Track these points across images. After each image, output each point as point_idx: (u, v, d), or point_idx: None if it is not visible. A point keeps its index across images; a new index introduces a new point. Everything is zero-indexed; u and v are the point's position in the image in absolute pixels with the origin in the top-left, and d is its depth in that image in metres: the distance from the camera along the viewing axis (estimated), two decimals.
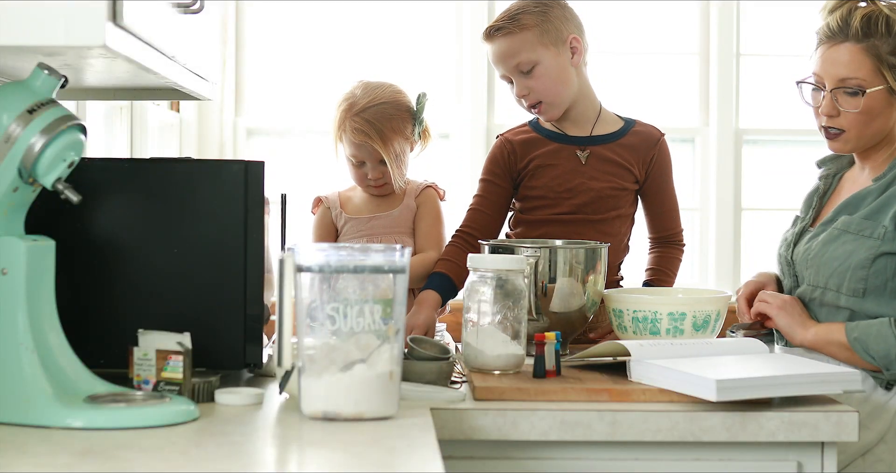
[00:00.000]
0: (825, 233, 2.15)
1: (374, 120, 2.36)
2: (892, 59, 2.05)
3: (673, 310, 2.08)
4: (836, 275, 2.09)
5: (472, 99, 3.67)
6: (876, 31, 2.05)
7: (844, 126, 2.11)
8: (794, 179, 3.82)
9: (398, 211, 2.43)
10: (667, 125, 3.74)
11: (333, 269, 1.60)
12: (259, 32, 3.68)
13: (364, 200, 2.47)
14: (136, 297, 1.81)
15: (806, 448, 1.77)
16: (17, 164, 1.55)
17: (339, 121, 2.40)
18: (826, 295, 2.11)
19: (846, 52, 2.07)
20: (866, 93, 2.06)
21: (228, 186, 1.81)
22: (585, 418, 1.74)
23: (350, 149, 2.40)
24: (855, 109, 2.08)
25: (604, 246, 2.20)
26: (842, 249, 2.09)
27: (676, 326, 2.08)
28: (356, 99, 2.40)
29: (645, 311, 2.09)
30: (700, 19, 3.78)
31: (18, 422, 1.52)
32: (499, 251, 2.17)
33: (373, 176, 2.41)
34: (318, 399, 1.59)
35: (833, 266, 2.10)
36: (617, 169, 2.43)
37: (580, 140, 2.44)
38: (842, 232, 2.11)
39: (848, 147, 2.15)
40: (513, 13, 2.38)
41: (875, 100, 2.07)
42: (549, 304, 2.13)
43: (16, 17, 1.41)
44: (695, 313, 2.08)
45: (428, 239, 2.43)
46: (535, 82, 2.37)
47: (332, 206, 2.47)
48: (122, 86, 2.02)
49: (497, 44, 2.38)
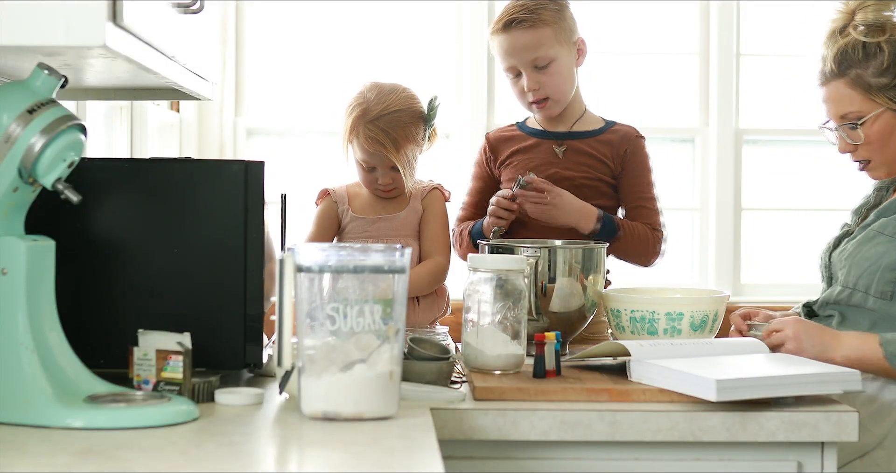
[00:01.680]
0: (862, 234, 2.15)
1: (388, 128, 2.32)
2: (881, 80, 2.06)
3: (671, 310, 2.08)
4: (866, 276, 2.07)
5: (472, 99, 3.67)
6: (854, 61, 2.07)
7: (865, 156, 2.13)
8: (794, 179, 3.83)
9: (404, 213, 2.41)
10: (667, 125, 3.77)
11: (333, 269, 1.60)
12: (259, 32, 3.68)
13: (370, 199, 2.45)
14: (136, 297, 1.81)
15: (806, 448, 1.77)
16: (17, 164, 1.55)
17: (350, 125, 2.36)
18: (854, 296, 2.09)
19: (835, 89, 2.10)
20: (865, 121, 2.07)
21: (228, 186, 1.81)
22: (585, 418, 1.74)
23: (361, 154, 2.35)
24: (860, 141, 2.09)
25: (602, 246, 2.20)
26: (874, 250, 2.08)
27: (674, 326, 2.08)
28: (369, 104, 2.34)
29: (643, 311, 2.09)
30: (700, 19, 3.78)
31: (18, 422, 1.52)
32: (499, 251, 2.17)
33: (383, 181, 2.37)
34: (318, 399, 1.59)
35: (864, 266, 2.08)
36: (592, 161, 2.49)
37: (559, 135, 2.51)
38: (878, 233, 2.10)
39: (882, 173, 2.16)
40: (531, 8, 2.40)
41: (881, 125, 2.08)
42: (549, 304, 2.13)
43: (16, 17, 1.41)
44: (692, 313, 2.08)
45: (435, 243, 2.40)
46: (547, 78, 2.42)
47: (340, 201, 2.43)
48: (122, 86, 2.02)
49: (514, 35, 2.40)
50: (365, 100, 2.36)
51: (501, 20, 2.42)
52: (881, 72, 2.06)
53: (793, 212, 3.80)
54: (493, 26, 2.44)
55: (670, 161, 3.76)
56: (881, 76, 2.06)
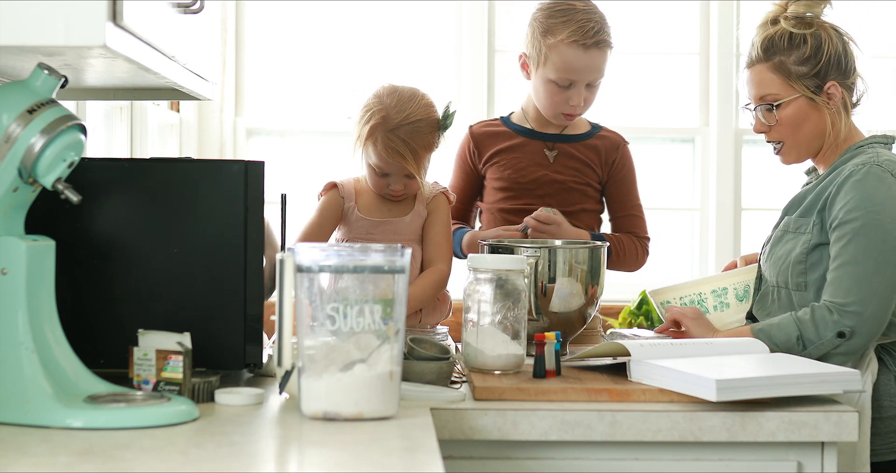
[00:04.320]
0: (774, 234, 2.23)
1: (408, 139, 2.28)
2: (800, 68, 2.17)
3: (716, 287, 2.26)
4: (782, 273, 2.15)
5: (472, 99, 3.67)
6: (779, 48, 2.18)
7: (779, 138, 2.23)
8: (794, 179, 3.83)
9: (409, 218, 2.39)
10: (667, 125, 3.77)
11: (333, 269, 1.60)
12: (259, 32, 3.68)
13: (377, 198, 2.42)
14: (136, 297, 1.81)
15: (806, 448, 1.78)
16: (17, 164, 1.55)
17: (368, 131, 2.29)
18: (780, 292, 2.16)
19: (758, 73, 2.22)
20: (780, 105, 2.18)
21: (228, 186, 1.81)
22: (585, 418, 1.74)
23: (377, 160, 2.31)
24: (773, 122, 2.19)
25: (604, 244, 2.21)
26: (784, 248, 2.16)
27: (722, 301, 2.23)
28: (389, 112, 2.28)
29: (691, 295, 2.24)
30: (700, 19, 3.78)
31: (18, 422, 1.52)
32: (499, 251, 2.17)
33: (395, 187, 2.34)
34: (318, 399, 1.59)
35: (779, 264, 2.16)
36: (581, 165, 2.51)
37: (547, 136, 2.52)
38: (784, 231, 2.19)
39: (791, 157, 2.25)
40: (603, 28, 2.43)
41: (794, 109, 2.18)
42: (549, 304, 2.13)
43: (16, 17, 1.41)
44: (735, 286, 2.26)
45: (438, 249, 2.36)
46: (592, 96, 2.48)
47: (347, 197, 2.39)
48: (122, 86, 2.02)
49: (591, 55, 2.41)
50: (384, 106, 2.29)
51: (584, 34, 2.39)
52: (802, 61, 2.17)
53: None
54: (568, 36, 2.40)
55: (670, 161, 3.76)
56: (801, 65, 2.17)
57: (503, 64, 3.73)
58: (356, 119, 2.35)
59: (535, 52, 2.44)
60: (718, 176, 3.75)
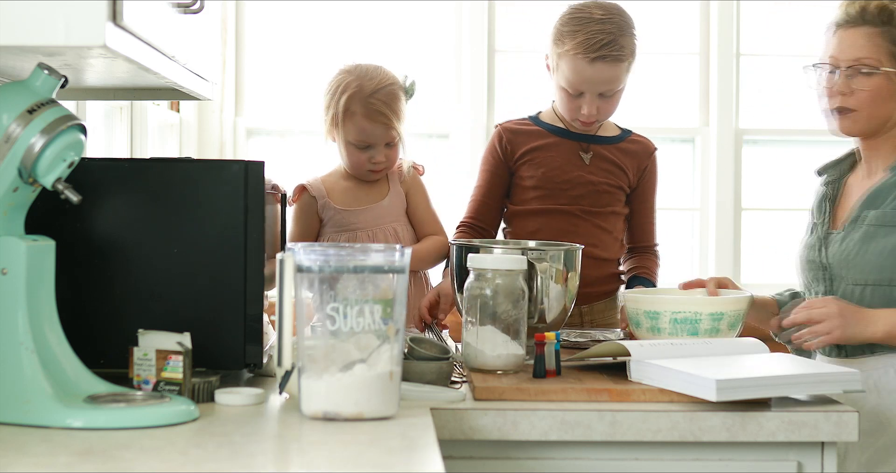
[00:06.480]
0: (860, 231, 2.17)
1: (387, 101, 2.35)
2: None
3: (714, 311, 2.04)
4: (888, 269, 2.10)
5: (472, 99, 3.67)
6: (890, 20, 2.14)
7: (856, 106, 2.16)
8: (794, 179, 3.83)
9: (388, 200, 2.41)
10: (667, 125, 3.77)
11: (333, 269, 1.60)
12: (259, 32, 3.68)
13: (349, 190, 2.42)
14: (136, 297, 1.81)
15: (806, 448, 1.77)
16: (17, 164, 1.55)
17: (344, 105, 2.34)
18: (877, 291, 2.11)
19: (864, 34, 2.15)
20: (881, 72, 2.13)
21: (228, 186, 1.81)
22: (585, 418, 1.74)
23: (358, 134, 2.34)
24: (869, 88, 2.14)
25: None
26: (883, 243, 2.11)
27: (715, 326, 2.04)
28: (361, 82, 2.35)
29: (685, 312, 2.04)
30: (700, 19, 3.78)
31: (18, 422, 1.52)
32: (474, 251, 2.17)
33: (378, 159, 2.37)
34: (318, 399, 1.59)
35: (878, 261, 2.11)
36: (614, 168, 2.49)
37: (582, 137, 2.48)
38: (877, 227, 2.13)
39: (857, 127, 2.19)
40: (618, 39, 2.35)
41: (884, 82, 2.14)
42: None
43: (16, 17, 1.41)
44: (730, 313, 2.05)
45: (430, 224, 2.45)
46: (607, 105, 2.41)
47: (319, 196, 2.41)
48: (122, 86, 2.02)
49: (598, 68, 2.35)
50: (355, 76, 2.38)
51: (588, 47, 2.33)
52: None
53: (793, 212, 3.80)
54: (574, 47, 2.34)
55: (670, 161, 3.76)
56: None
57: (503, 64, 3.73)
58: (326, 102, 2.40)
59: (552, 56, 2.43)
60: (718, 176, 3.75)
